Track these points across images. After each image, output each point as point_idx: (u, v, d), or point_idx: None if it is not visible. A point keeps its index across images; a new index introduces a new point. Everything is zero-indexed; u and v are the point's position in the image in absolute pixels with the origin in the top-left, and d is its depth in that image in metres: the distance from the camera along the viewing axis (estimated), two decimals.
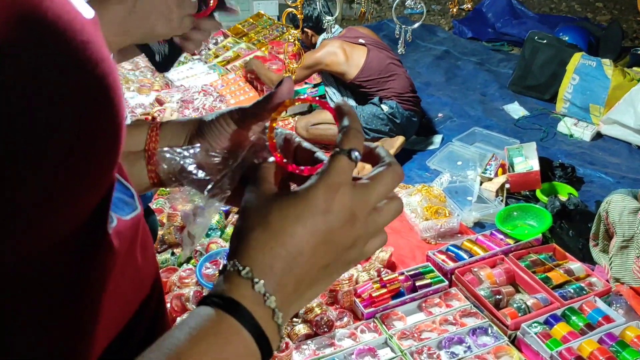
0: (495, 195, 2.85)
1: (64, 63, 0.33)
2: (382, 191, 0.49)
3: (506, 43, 5.27)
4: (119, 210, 0.43)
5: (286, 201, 0.47)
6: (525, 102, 4.07)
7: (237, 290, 0.45)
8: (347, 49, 3.33)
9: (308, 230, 0.46)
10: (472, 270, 2.29)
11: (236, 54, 4.61)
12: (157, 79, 4.30)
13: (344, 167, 0.48)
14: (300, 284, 0.47)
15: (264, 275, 0.45)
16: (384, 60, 3.32)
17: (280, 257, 0.46)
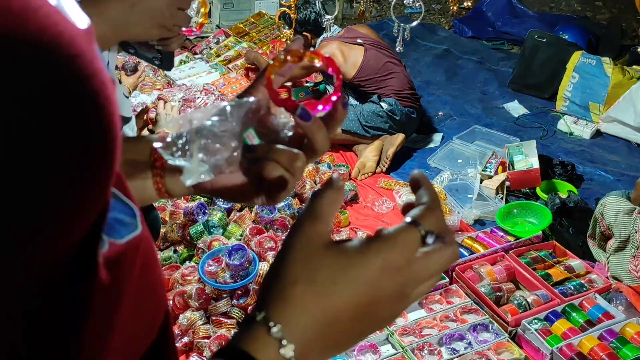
0: (495, 193, 2.87)
1: (50, 79, 0.30)
2: (436, 271, 0.46)
3: (506, 42, 5.28)
4: (113, 233, 0.39)
5: (338, 260, 0.43)
6: (525, 101, 4.08)
7: (262, 351, 0.42)
8: (345, 49, 3.35)
9: (354, 301, 0.43)
10: (473, 267, 2.31)
11: (237, 53, 4.63)
12: (159, 77, 4.31)
13: (413, 244, 0.45)
14: (328, 349, 0.44)
15: (294, 338, 0.42)
16: (381, 60, 3.34)
17: (317, 322, 0.42)
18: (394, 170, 3.25)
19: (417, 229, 0.45)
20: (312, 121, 0.55)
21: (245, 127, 0.56)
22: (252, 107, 0.57)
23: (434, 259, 0.45)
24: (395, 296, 0.44)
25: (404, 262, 0.44)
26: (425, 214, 0.47)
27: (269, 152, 0.56)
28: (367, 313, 0.44)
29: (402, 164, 3.31)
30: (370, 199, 2.94)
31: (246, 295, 2.13)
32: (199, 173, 0.54)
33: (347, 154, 3.39)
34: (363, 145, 3.31)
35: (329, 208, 0.46)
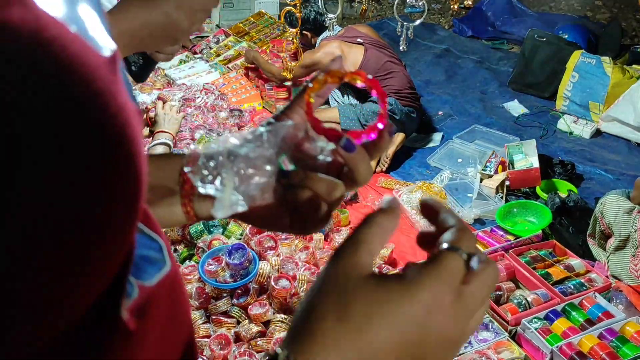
0: (495, 192, 2.87)
1: (71, 122, 0.26)
2: (487, 294, 0.41)
3: (506, 41, 5.29)
4: (142, 274, 0.35)
5: (376, 294, 0.38)
6: (525, 100, 4.08)
7: None
8: (345, 49, 3.35)
9: (397, 341, 0.37)
10: None
11: (237, 52, 4.63)
12: (159, 77, 4.31)
13: (458, 272, 0.40)
14: None
15: None
16: (381, 59, 3.34)
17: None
18: (393, 170, 3.25)
19: (457, 254, 0.41)
20: (356, 152, 0.51)
21: (280, 151, 0.52)
22: (289, 131, 0.52)
23: (483, 283, 0.40)
24: (448, 334, 0.39)
25: (453, 293, 0.39)
26: (461, 236, 0.42)
27: (306, 180, 0.51)
28: (415, 356, 0.38)
29: (402, 164, 3.31)
30: (370, 198, 2.94)
31: (246, 295, 2.13)
32: (231, 204, 0.50)
33: None
34: None
35: (379, 237, 0.42)
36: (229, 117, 3.60)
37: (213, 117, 3.58)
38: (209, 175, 0.50)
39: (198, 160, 0.51)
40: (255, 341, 1.96)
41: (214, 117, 3.59)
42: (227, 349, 1.92)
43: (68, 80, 0.26)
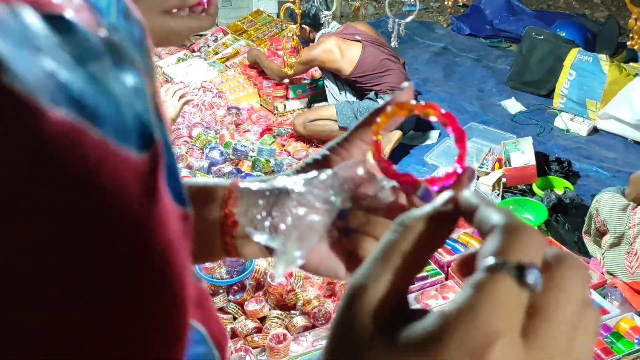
0: (491, 190, 2.88)
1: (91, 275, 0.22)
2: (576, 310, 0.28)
3: (504, 39, 5.30)
4: None
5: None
6: (522, 98, 4.09)
7: None
8: (343, 45, 3.36)
9: None
10: None
11: (235, 50, 4.64)
12: (157, 75, 4.32)
13: (508, 301, 0.26)
14: None
15: None
16: (379, 56, 3.35)
17: None
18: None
19: (501, 273, 0.26)
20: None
21: (339, 191, 0.45)
22: (351, 171, 0.46)
23: (560, 299, 0.27)
24: None
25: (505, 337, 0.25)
26: (507, 241, 0.28)
27: (367, 225, 0.45)
28: None
29: (399, 161, 3.32)
30: None
31: (242, 291, 2.14)
32: (293, 259, 0.43)
33: None
34: None
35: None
36: (226, 114, 3.61)
37: (211, 115, 3.60)
38: (264, 220, 0.45)
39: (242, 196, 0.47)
40: (252, 337, 1.97)
41: (212, 114, 3.60)
42: None
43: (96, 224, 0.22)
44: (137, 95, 0.26)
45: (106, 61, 0.25)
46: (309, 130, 3.38)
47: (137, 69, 0.27)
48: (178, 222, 0.28)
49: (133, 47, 0.29)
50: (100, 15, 0.27)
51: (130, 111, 0.25)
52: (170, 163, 0.29)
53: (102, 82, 0.24)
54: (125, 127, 0.24)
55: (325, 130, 3.37)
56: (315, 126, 3.37)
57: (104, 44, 0.25)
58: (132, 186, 0.23)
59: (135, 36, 0.30)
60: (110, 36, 0.26)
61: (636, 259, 2.25)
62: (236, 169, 2.80)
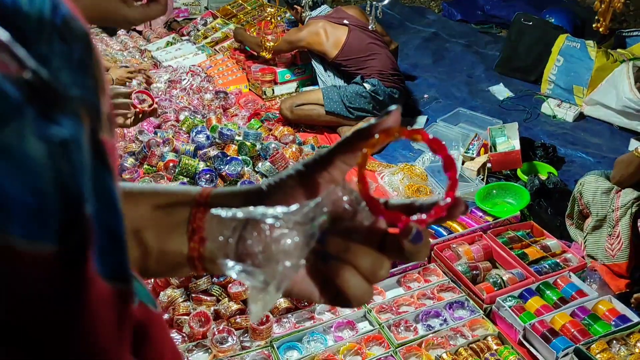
0: (476, 174, 2.90)
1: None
2: None
3: (494, 25, 5.29)
4: None
5: None
6: (511, 84, 4.10)
7: None
8: (329, 28, 3.37)
9: None
10: (451, 247, 2.34)
11: (225, 35, 4.61)
12: (146, 59, 4.30)
13: None
14: None
15: None
16: (364, 40, 3.35)
17: None
18: (377, 153, 3.27)
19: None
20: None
21: (318, 216, 0.43)
22: (337, 197, 0.44)
23: None
24: None
25: None
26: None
27: (346, 252, 0.43)
28: None
29: (386, 146, 3.33)
30: (353, 181, 2.96)
31: None
32: (273, 299, 0.41)
33: (332, 136, 3.41)
34: (347, 127, 3.33)
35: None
36: (214, 99, 3.60)
37: (198, 99, 3.58)
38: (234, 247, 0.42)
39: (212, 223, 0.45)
40: (234, 319, 1.99)
41: (199, 99, 3.59)
42: (206, 326, 1.95)
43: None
44: (65, 151, 0.24)
45: (27, 116, 0.22)
46: (295, 115, 3.38)
47: (72, 109, 0.25)
48: (111, 307, 0.27)
49: (71, 74, 0.27)
50: (24, 50, 0.24)
51: (50, 183, 0.23)
52: (111, 228, 0.27)
53: (15, 153, 0.22)
54: (39, 214, 0.22)
55: (312, 114, 3.37)
56: (302, 110, 3.37)
57: (26, 92, 0.23)
58: (43, 290, 0.22)
59: (75, 57, 0.27)
60: (36, 77, 0.24)
61: (618, 241, 2.28)
62: (222, 152, 2.80)
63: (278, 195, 0.46)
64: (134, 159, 2.94)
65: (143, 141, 2.96)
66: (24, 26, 0.24)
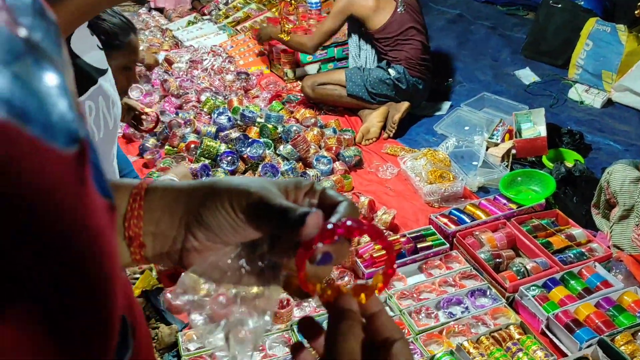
0: (500, 161, 2.85)
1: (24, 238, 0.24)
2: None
3: (521, 7, 5.16)
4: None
5: None
6: (537, 68, 4.01)
7: None
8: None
9: None
10: (474, 234, 2.31)
11: (246, 14, 4.57)
12: (167, 39, 4.28)
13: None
14: None
15: None
16: (406, 23, 3.21)
17: None
18: (399, 137, 3.23)
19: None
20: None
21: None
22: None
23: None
24: None
25: None
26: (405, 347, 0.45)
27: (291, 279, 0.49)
28: None
29: (408, 130, 3.29)
30: (374, 165, 2.94)
31: None
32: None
33: (352, 119, 3.38)
34: (368, 111, 3.29)
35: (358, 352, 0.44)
36: (235, 80, 3.59)
37: (220, 80, 3.57)
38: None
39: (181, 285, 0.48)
40: None
41: (221, 79, 3.58)
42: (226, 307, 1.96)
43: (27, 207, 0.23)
44: (59, 93, 0.27)
45: (28, 61, 0.26)
46: (317, 94, 3.34)
47: (57, 67, 0.29)
48: (105, 212, 0.30)
49: (51, 46, 0.30)
50: (18, 15, 0.28)
51: (55, 109, 0.26)
52: (93, 159, 0.31)
53: (27, 81, 0.25)
54: (52, 125, 0.25)
55: (333, 94, 3.32)
56: (324, 90, 3.32)
57: (24, 44, 0.26)
58: (63, 177, 0.26)
59: (52, 35, 0.31)
60: (30, 35, 0.27)
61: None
62: (243, 134, 2.79)
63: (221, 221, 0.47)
64: (155, 139, 2.95)
65: (164, 122, 2.96)
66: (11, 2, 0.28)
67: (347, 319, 0.45)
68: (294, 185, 0.49)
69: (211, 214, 0.47)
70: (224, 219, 0.47)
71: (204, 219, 0.47)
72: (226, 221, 0.47)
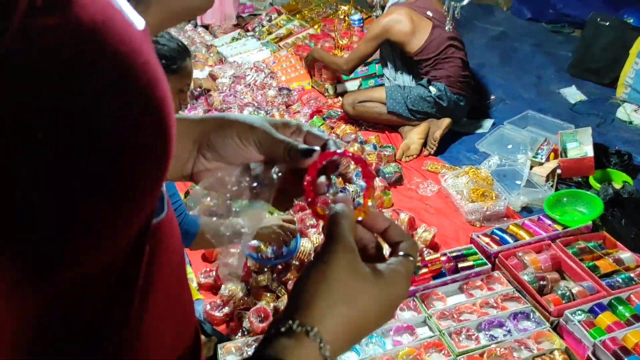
0: (545, 181, 2.79)
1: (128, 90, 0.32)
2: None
3: (567, 24, 5.07)
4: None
5: (374, 284, 0.50)
6: (584, 87, 3.92)
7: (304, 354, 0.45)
8: (415, 19, 3.17)
9: (384, 310, 0.51)
10: (517, 255, 2.26)
11: (289, 31, 4.64)
12: (212, 54, 4.38)
13: (411, 273, 0.54)
14: (354, 341, 0.51)
15: (333, 343, 0.47)
16: (444, 42, 3.18)
17: (357, 330, 0.49)
18: (440, 154, 3.20)
19: (412, 261, 0.54)
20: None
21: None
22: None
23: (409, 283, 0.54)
24: (395, 308, 0.54)
25: (407, 285, 0.53)
26: (414, 247, 0.55)
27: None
28: (383, 317, 0.52)
29: (449, 147, 3.26)
30: (415, 181, 2.92)
31: (287, 270, 2.17)
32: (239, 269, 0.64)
33: (393, 135, 3.37)
34: (409, 127, 3.28)
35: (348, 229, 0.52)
36: (277, 95, 3.63)
37: (262, 95, 3.62)
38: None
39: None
40: None
41: (263, 95, 3.62)
42: (265, 321, 1.97)
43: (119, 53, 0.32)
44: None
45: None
46: (357, 111, 3.35)
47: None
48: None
49: None
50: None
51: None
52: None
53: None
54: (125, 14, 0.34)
55: (373, 112, 3.32)
56: (364, 107, 3.33)
57: None
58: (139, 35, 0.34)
59: None
60: None
61: None
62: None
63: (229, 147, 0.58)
64: None
65: None
66: None
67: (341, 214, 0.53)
68: (282, 124, 0.60)
69: (220, 139, 0.58)
70: (230, 145, 0.58)
71: (213, 143, 0.58)
72: (231, 147, 0.58)
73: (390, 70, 3.48)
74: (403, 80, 3.42)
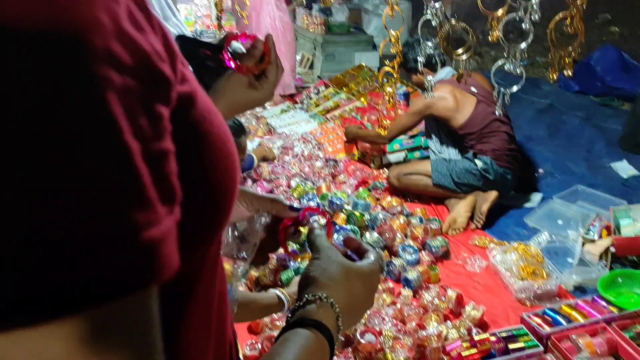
0: (598, 259, 2.70)
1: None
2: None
3: (616, 98, 5.04)
4: None
5: (358, 267, 0.70)
6: (636, 161, 3.84)
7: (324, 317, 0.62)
8: (458, 95, 3.24)
9: (368, 289, 0.71)
10: (570, 337, 2.17)
11: (336, 103, 4.78)
12: (261, 125, 4.54)
13: (381, 267, 0.81)
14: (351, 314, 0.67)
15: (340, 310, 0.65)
16: (488, 117, 3.21)
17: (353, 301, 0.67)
18: (488, 227, 3.16)
19: (380, 262, 0.75)
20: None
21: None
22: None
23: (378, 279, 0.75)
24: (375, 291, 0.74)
25: (379, 276, 0.75)
26: (378, 257, 0.75)
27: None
28: (366, 299, 0.71)
29: (497, 221, 3.21)
30: (462, 256, 2.88)
31: None
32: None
33: (439, 207, 3.36)
34: (455, 200, 3.27)
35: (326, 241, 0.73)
36: (324, 166, 3.70)
37: (309, 166, 3.70)
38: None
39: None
40: None
41: (310, 166, 3.71)
42: None
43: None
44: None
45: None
46: (403, 184, 3.37)
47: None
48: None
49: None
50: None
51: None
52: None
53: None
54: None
55: (419, 184, 3.34)
56: (410, 180, 3.35)
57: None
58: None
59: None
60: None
61: None
62: (331, 221, 2.84)
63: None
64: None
65: None
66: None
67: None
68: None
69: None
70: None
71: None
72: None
73: (435, 143, 3.52)
74: (449, 154, 3.44)
